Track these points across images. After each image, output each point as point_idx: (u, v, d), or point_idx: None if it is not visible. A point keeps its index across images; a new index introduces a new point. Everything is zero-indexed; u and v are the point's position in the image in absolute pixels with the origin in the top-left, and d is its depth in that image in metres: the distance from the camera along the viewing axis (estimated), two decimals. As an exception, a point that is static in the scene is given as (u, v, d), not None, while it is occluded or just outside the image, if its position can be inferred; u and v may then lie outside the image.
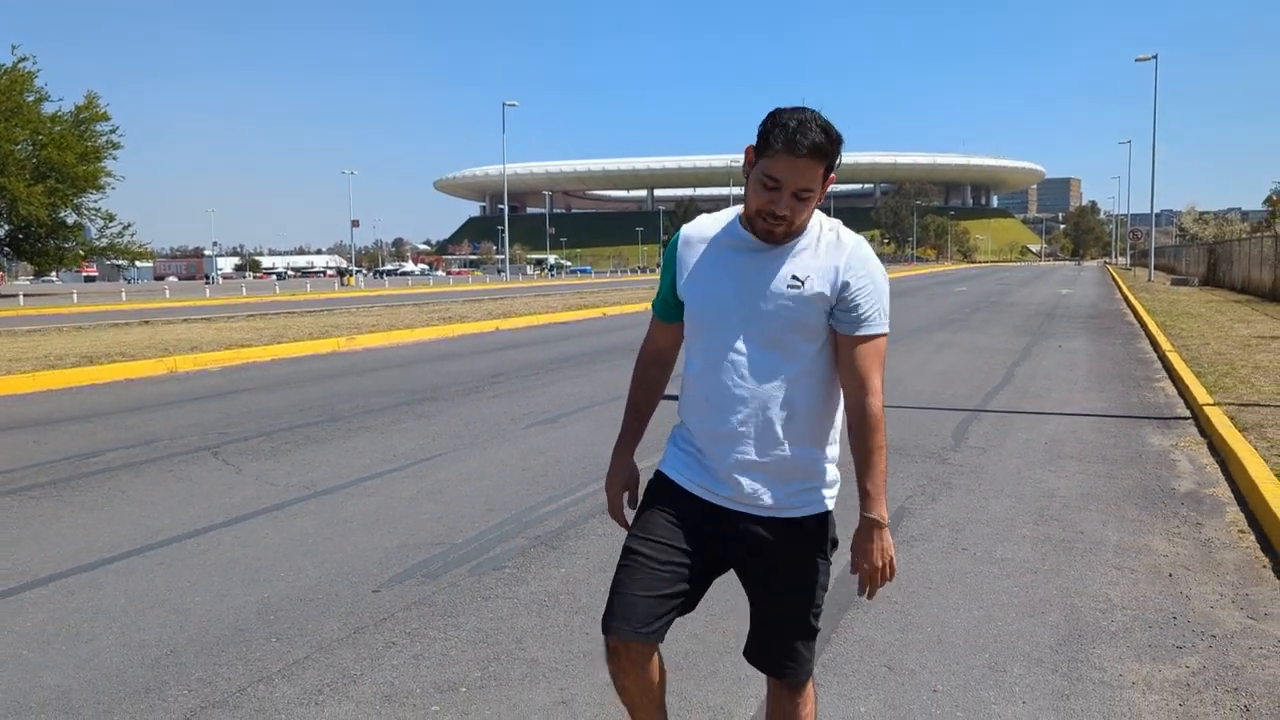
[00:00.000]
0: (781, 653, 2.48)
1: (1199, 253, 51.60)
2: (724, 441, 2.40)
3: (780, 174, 2.23)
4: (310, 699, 3.62)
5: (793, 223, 2.29)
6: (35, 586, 4.86)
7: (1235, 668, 3.85)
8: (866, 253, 2.38)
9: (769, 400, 2.36)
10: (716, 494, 2.44)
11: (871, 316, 2.34)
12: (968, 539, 5.54)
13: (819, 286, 2.32)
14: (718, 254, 2.41)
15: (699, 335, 2.44)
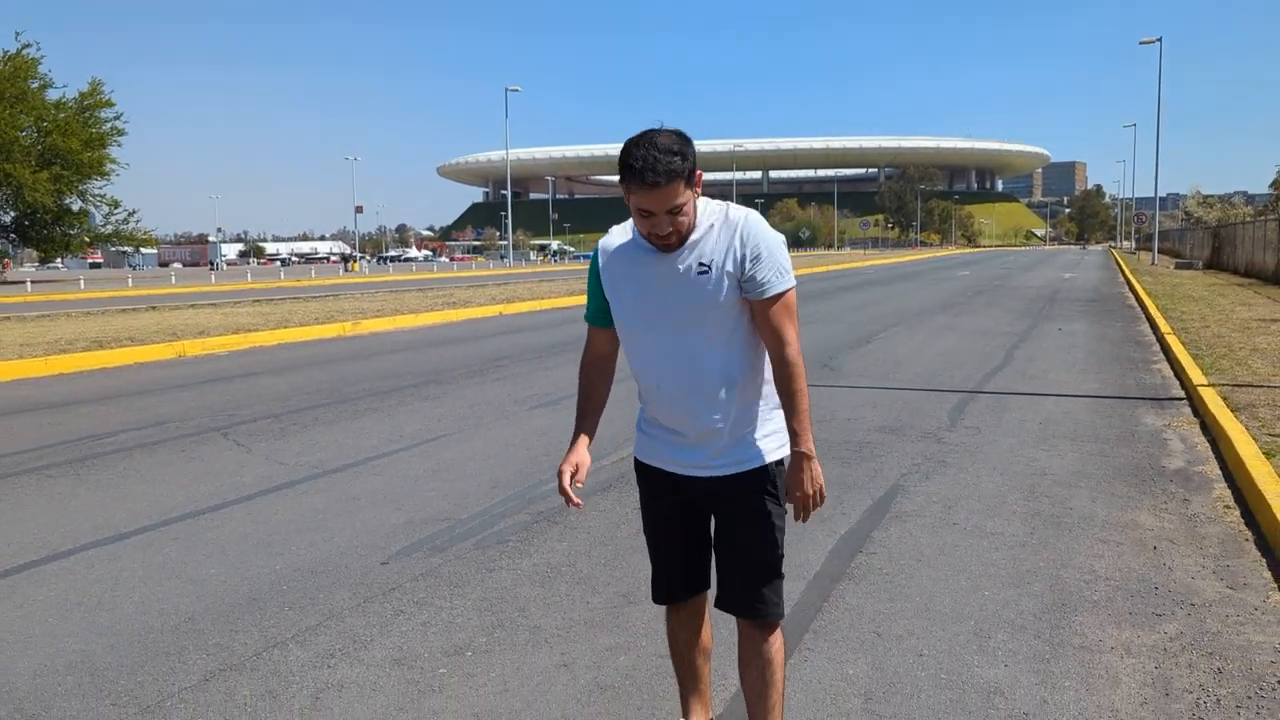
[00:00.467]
0: (750, 595, 2.70)
1: (1203, 236, 51.57)
2: (680, 420, 2.66)
3: (648, 205, 2.45)
4: (323, 662, 3.78)
5: (679, 233, 2.53)
6: (57, 559, 5.03)
7: (1212, 634, 4.00)
8: (757, 224, 2.59)
9: (706, 375, 2.60)
10: (681, 465, 2.70)
11: (772, 279, 2.56)
12: (959, 514, 5.69)
13: (724, 266, 2.55)
14: (632, 261, 2.65)
15: (633, 335, 2.69)
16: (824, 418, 8.61)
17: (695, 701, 2.96)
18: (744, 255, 2.54)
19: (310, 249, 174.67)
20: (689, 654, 2.94)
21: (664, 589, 2.87)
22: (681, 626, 2.92)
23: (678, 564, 2.82)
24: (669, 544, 2.82)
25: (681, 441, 2.68)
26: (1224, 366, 10.87)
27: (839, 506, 5.83)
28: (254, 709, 3.42)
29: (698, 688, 2.96)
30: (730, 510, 2.69)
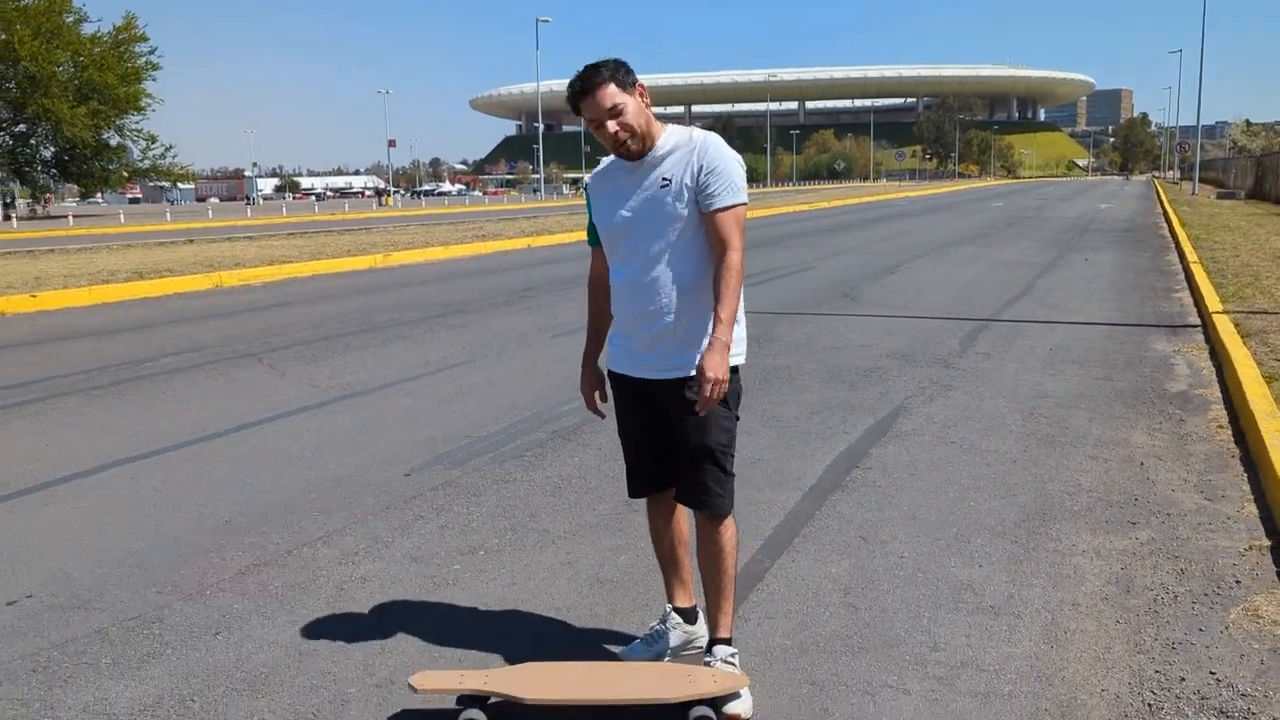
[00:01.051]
0: (699, 488, 2.97)
1: (1246, 165, 50.53)
2: (639, 322, 2.94)
3: (590, 114, 2.81)
4: (348, 559, 4.12)
5: (633, 134, 2.82)
6: (105, 469, 5.41)
7: (1181, 539, 4.23)
8: (716, 143, 2.86)
9: (665, 282, 2.88)
10: (639, 369, 2.98)
11: (723, 192, 2.81)
12: (956, 434, 5.92)
13: (683, 179, 2.83)
14: (611, 183, 2.98)
15: (612, 249, 3.01)
16: (838, 344, 8.82)
17: (677, 586, 3.25)
18: (700, 168, 2.80)
19: (345, 184, 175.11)
20: (668, 543, 3.23)
21: (636, 484, 3.17)
22: (659, 518, 3.21)
23: (646, 463, 3.10)
24: (637, 445, 3.11)
25: (638, 348, 2.96)
26: (1247, 295, 10.92)
27: (841, 425, 6.08)
28: (285, 598, 3.76)
29: (679, 574, 3.25)
30: (680, 411, 2.92)
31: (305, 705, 2.98)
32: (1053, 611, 3.57)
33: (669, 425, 2.99)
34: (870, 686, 3.06)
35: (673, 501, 3.17)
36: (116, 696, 3.05)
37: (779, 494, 4.84)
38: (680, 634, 3.20)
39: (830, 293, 12.66)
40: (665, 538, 3.23)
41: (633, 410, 3.08)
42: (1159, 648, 3.29)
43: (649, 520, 3.26)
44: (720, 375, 2.73)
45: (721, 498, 2.99)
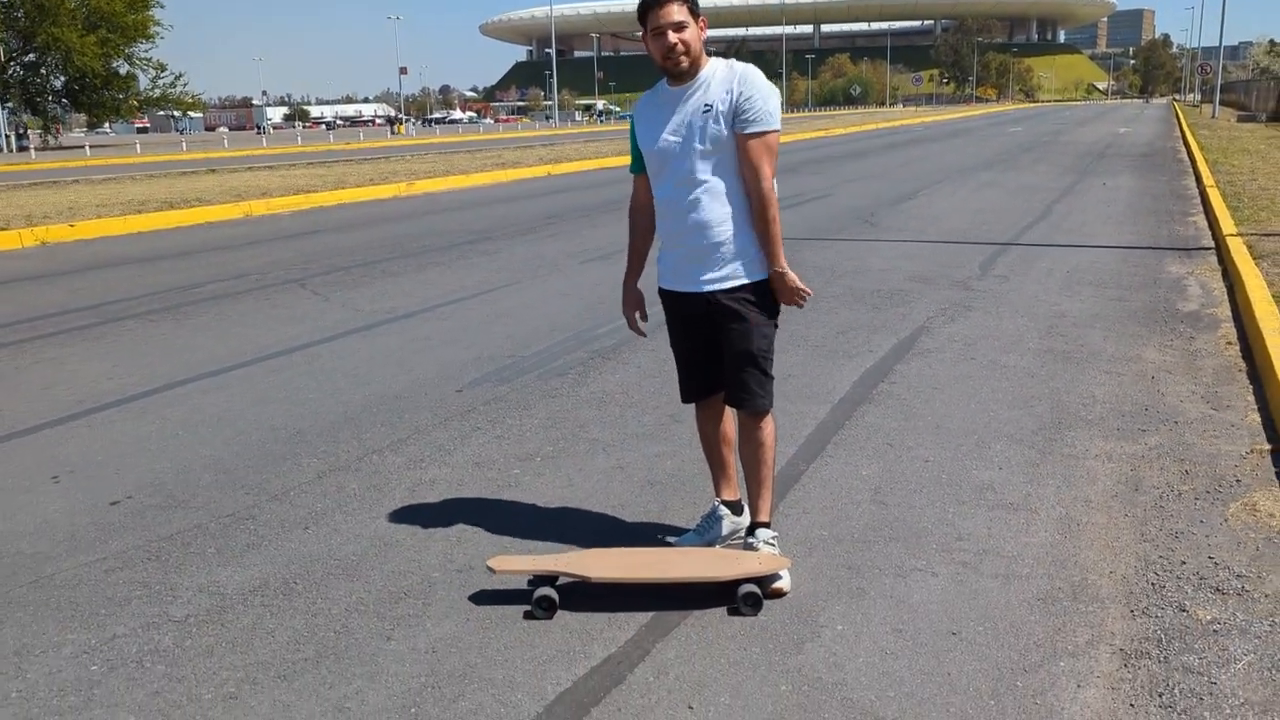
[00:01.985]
0: (742, 388, 3.29)
1: (1269, 87, 49.81)
2: (684, 238, 3.22)
3: (656, 21, 3.04)
4: (415, 465, 4.47)
5: (687, 50, 3.05)
6: (173, 388, 5.77)
7: (1187, 444, 4.55)
8: (755, 73, 3.14)
9: (706, 201, 3.16)
10: (687, 282, 3.27)
11: (759, 118, 3.08)
12: (977, 351, 6.22)
13: (723, 106, 3.08)
14: (655, 109, 3.23)
15: (653, 169, 3.27)
16: (859, 269, 9.08)
17: (724, 482, 3.59)
18: (739, 94, 3.07)
19: (355, 112, 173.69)
20: (715, 443, 3.56)
21: (687, 390, 3.50)
22: (707, 421, 3.54)
23: (697, 370, 3.42)
24: (688, 354, 3.42)
25: (684, 264, 3.24)
26: (1261, 218, 11.09)
27: (866, 344, 6.38)
28: (363, 498, 4.12)
29: (725, 471, 3.59)
30: (724, 319, 3.24)
31: (397, 586, 3.35)
32: (1066, 507, 3.89)
33: (716, 335, 3.29)
34: (902, 570, 3.41)
35: (720, 406, 3.49)
36: (226, 580, 3.42)
37: (810, 406, 5.16)
38: (729, 524, 3.55)
39: (850, 219, 12.85)
40: (713, 438, 3.56)
41: (683, 325, 3.38)
42: (1163, 537, 3.62)
43: (698, 424, 3.58)
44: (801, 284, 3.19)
45: (762, 398, 3.30)
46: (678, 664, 2.87)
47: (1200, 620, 3.05)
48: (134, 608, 3.24)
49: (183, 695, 2.75)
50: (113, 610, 3.23)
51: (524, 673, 2.83)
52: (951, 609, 3.14)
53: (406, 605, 3.22)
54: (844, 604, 3.19)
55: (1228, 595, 3.20)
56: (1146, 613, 3.10)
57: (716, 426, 3.55)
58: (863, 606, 3.17)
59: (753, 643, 2.97)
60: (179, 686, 2.79)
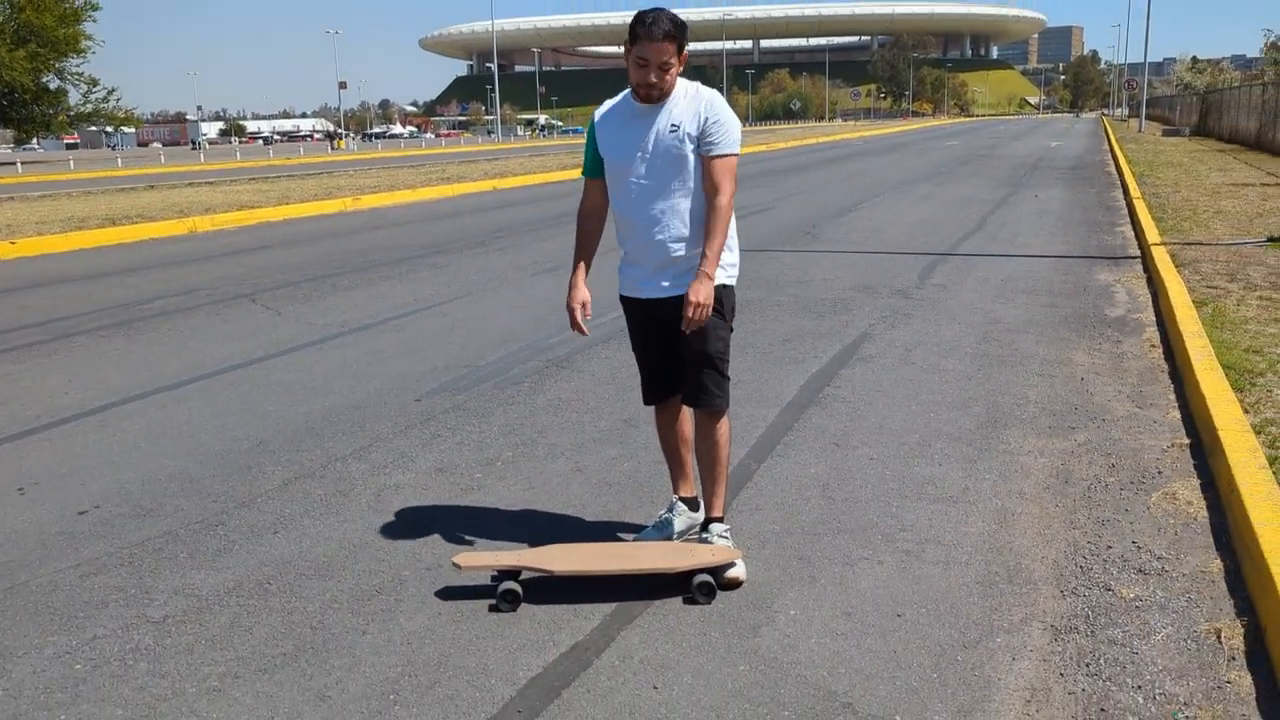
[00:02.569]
0: (700, 389, 3.49)
1: (1192, 102, 51.52)
2: (646, 251, 3.41)
3: (646, 54, 3.20)
4: (379, 471, 4.59)
5: (662, 87, 3.26)
6: (133, 400, 5.82)
7: (1113, 439, 4.82)
8: (720, 100, 3.36)
9: (670, 215, 3.36)
10: (648, 290, 3.45)
11: (723, 142, 3.31)
12: (917, 356, 6.48)
13: (689, 128, 3.30)
14: (620, 121, 3.40)
15: (617, 182, 3.44)
16: (803, 279, 9.34)
17: (681, 480, 3.78)
18: (705, 119, 3.29)
19: (293, 126, 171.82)
20: (674, 443, 3.75)
21: (650, 392, 3.69)
22: (666, 423, 3.73)
23: (659, 373, 3.62)
24: (650, 358, 3.62)
25: (645, 274, 3.43)
26: (1184, 228, 11.58)
27: (811, 351, 6.61)
28: (329, 503, 4.23)
29: (683, 470, 3.77)
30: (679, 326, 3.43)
31: (369, 584, 3.48)
32: (1002, 499, 4.14)
33: (675, 338, 3.48)
34: (850, 559, 3.61)
35: (678, 407, 3.68)
36: (201, 582, 3.52)
37: (760, 410, 5.37)
38: (685, 519, 3.73)
39: (793, 231, 13.15)
40: (672, 439, 3.75)
41: (644, 330, 3.58)
42: (1091, 524, 3.87)
43: (657, 424, 3.77)
44: (702, 299, 3.26)
45: (719, 397, 3.50)
46: (642, 649, 3.04)
47: (1124, 598, 3.29)
48: (112, 610, 3.33)
49: (168, 689, 2.85)
50: (91, 613, 3.31)
51: (496, 660, 2.98)
52: (896, 593, 3.35)
53: (379, 601, 3.35)
54: (797, 591, 3.38)
55: (1149, 575, 3.45)
56: (1075, 592, 3.34)
57: (674, 427, 3.73)
58: (814, 593, 3.37)
59: (712, 628, 3.15)
60: (163, 682, 2.89)
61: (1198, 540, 3.73)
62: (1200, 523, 3.88)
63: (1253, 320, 6.77)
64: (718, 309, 3.43)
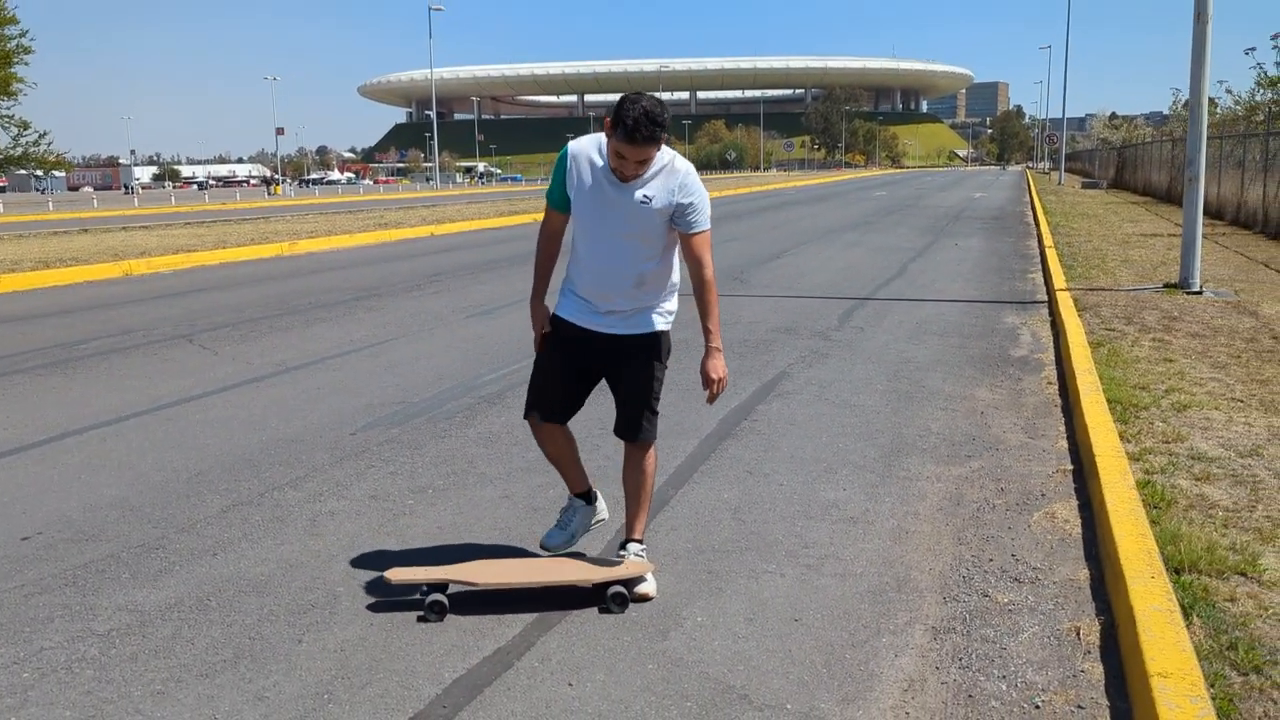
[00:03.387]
0: (634, 423, 3.77)
1: (1109, 157, 53.61)
2: (600, 296, 3.67)
3: (626, 153, 3.38)
4: (314, 499, 4.81)
5: (638, 176, 3.47)
6: (71, 435, 5.95)
7: (1004, 466, 5.22)
8: (693, 178, 3.57)
9: (630, 273, 3.62)
10: (596, 325, 3.70)
11: (698, 220, 3.59)
12: (831, 392, 6.86)
13: (661, 204, 3.51)
14: (598, 181, 3.53)
15: (585, 230, 3.65)
16: (729, 321, 9.72)
17: (571, 477, 3.93)
18: (680, 199, 3.52)
19: (228, 172, 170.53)
20: (560, 446, 3.84)
21: (549, 407, 3.73)
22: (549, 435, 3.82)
23: (566, 394, 3.76)
24: (562, 378, 3.73)
25: (596, 310, 3.68)
26: (1091, 275, 12.23)
27: (732, 388, 6.95)
28: (266, 528, 4.44)
29: (572, 468, 3.92)
30: (625, 362, 3.73)
31: (304, 600, 3.70)
32: (898, 519, 4.48)
33: (612, 373, 3.74)
34: (755, 573, 3.92)
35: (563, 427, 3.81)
36: (143, 599, 3.71)
37: (680, 441, 5.69)
38: (584, 514, 3.94)
39: (723, 276, 13.57)
40: (556, 443, 3.85)
41: (564, 350, 3.72)
42: (976, 540, 4.23)
43: (541, 437, 3.84)
44: (722, 374, 3.66)
45: (650, 431, 3.80)
46: (559, 652, 3.30)
47: (999, 603, 3.64)
48: (57, 625, 3.51)
49: (114, 693, 3.05)
50: (37, 628, 3.49)
51: (423, 664, 3.22)
52: (796, 602, 3.66)
53: (314, 615, 3.58)
54: (704, 601, 3.68)
55: (1024, 583, 3.81)
56: (956, 599, 3.68)
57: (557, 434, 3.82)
58: (720, 602, 3.66)
59: (625, 633, 3.43)
60: (109, 687, 3.09)
61: (1070, 553, 4.11)
62: (1074, 538, 4.26)
63: (1144, 359, 7.27)
64: (658, 351, 3.74)
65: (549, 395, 3.77)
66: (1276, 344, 7.83)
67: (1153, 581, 3.44)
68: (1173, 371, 6.84)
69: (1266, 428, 5.49)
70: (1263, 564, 3.70)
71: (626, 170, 3.44)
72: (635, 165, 3.43)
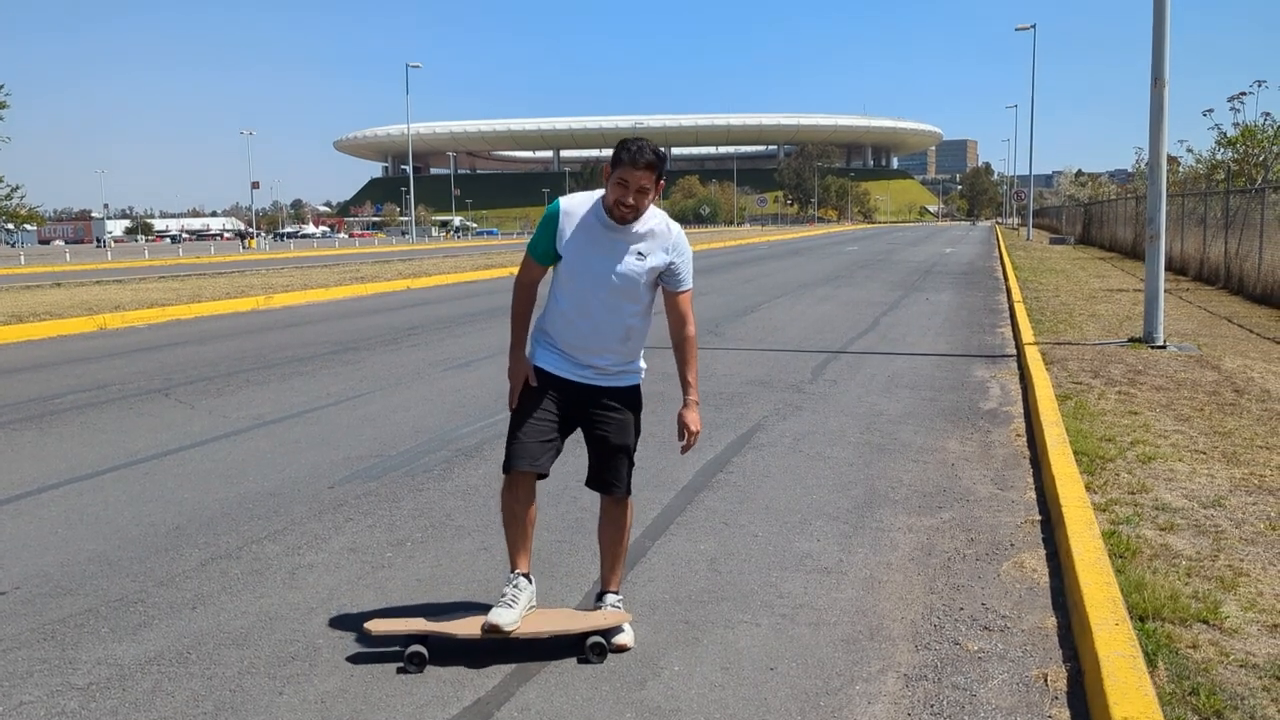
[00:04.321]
0: (612, 476, 3.85)
1: (1075, 213, 54.62)
2: (585, 349, 3.75)
3: (628, 178, 3.50)
4: (293, 552, 4.83)
5: (637, 209, 3.58)
6: (48, 490, 5.95)
7: (974, 517, 5.32)
8: (684, 240, 3.75)
9: (616, 326, 3.72)
10: (575, 375, 3.77)
11: (685, 279, 3.77)
12: (805, 445, 6.96)
13: (653, 261, 3.66)
14: (588, 229, 3.64)
15: (572, 283, 3.71)
16: (704, 374, 9.83)
17: (524, 554, 3.88)
18: (673, 259, 3.70)
19: (202, 225, 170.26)
20: (525, 519, 3.79)
21: (535, 457, 3.66)
22: (523, 499, 3.76)
23: (548, 441, 3.75)
24: (535, 424, 3.69)
25: (574, 361, 3.76)
26: (1059, 329, 12.46)
27: (707, 440, 7.05)
28: (245, 581, 4.46)
29: (527, 545, 3.89)
30: (604, 415, 3.80)
31: (285, 652, 3.72)
32: (871, 569, 4.56)
33: (589, 425, 3.79)
34: (730, 623, 3.98)
35: (534, 483, 3.76)
36: (123, 653, 3.73)
37: (657, 493, 5.76)
38: (529, 594, 3.81)
39: (699, 330, 13.68)
40: (524, 513, 3.78)
41: (546, 396, 3.72)
42: (947, 590, 4.32)
43: (511, 498, 3.76)
44: (699, 427, 3.80)
45: (627, 482, 3.88)
46: (539, 702, 3.34)
47: (969, 650, 3.72)
48: (37, 679, 3.52)
49: (94, 746, 3.06)
50: (16, 682, 3.49)
51: (404, 715, 3.25)
52: (771, 651, 3.72)
53: (294, 666, 3.60)
54: (681, 651, 3.73)
55: (993, 631, 3.89)
56: (928, 647, 3.75)
57: (528, 504, 3.78)
58: (697, 652, 3.72)
59: (603, 683, 3.48)
60: (89, 740, 3.10)
61: (1039, 601, 4.20)
62: (1042, 587, 4.35)
63: (1110, 412, 7.43)
64: (636, 404, 3.86)
65: (531, 442, 3.69)
66: (1238, 397, 8.02)
67: (1117, 629, 3.53)
68: (1138, 424, 6.99)
69: (1229, 479, 5.63)
70: (1224, 611, 3.80)
71: (626, 200, 3.53)
72: (635, 195, 3.52)
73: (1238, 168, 27.89)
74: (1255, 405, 7.69)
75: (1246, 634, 3.63)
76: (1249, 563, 4.35)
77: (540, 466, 3.73)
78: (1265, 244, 16.77)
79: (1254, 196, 18.21)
